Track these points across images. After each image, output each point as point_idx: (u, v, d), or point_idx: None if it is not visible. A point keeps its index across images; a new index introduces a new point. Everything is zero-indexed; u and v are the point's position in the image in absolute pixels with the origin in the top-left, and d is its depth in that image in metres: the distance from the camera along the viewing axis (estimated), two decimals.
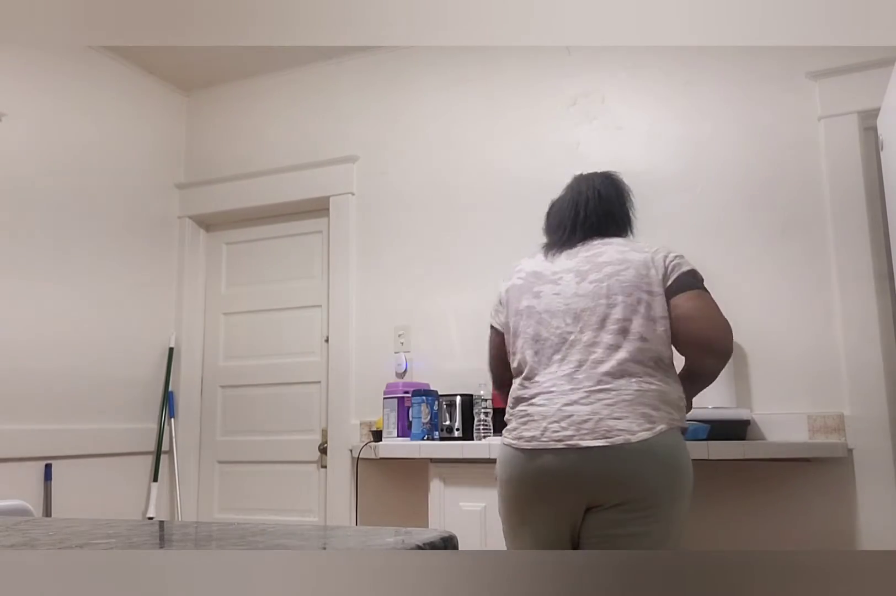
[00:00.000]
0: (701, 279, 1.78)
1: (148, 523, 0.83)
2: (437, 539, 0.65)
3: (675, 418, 1.67)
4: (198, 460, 3.45)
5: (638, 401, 1.63)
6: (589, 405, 1.64)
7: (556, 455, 1.64)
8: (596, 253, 1.79)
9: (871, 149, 2.46)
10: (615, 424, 1.61)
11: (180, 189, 3.63)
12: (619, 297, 1.71)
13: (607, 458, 1.60)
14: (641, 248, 1.79)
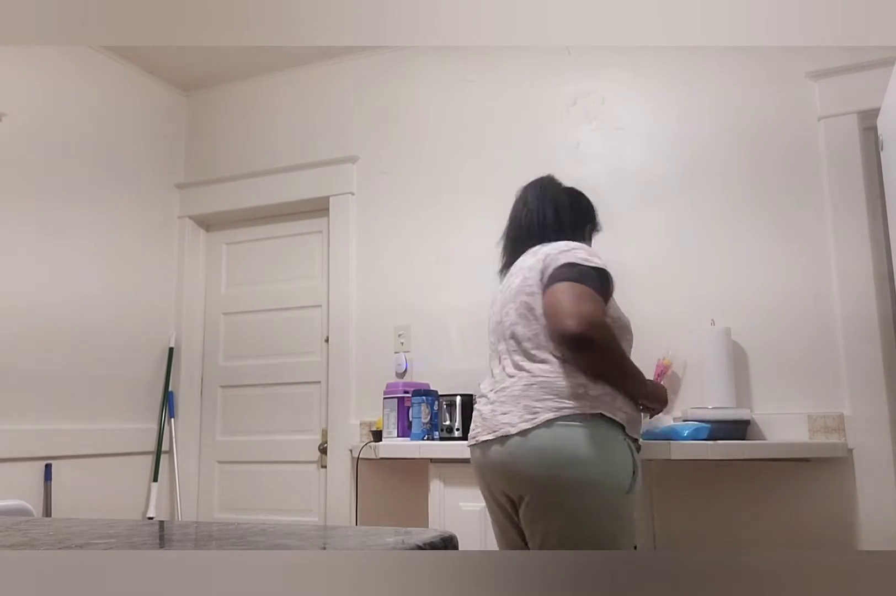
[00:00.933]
0: (579, 269, 1.71)
1: (148, 523, 0.83)
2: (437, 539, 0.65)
3: (569, 406, 1.64)
4: (198, 460, 3.45)
5: (523, 394, 1.69)
6: (490, 404, 1.77)
7: (473, 451, 1.81)
8: (514, 267, 1.90)
9: (871, 149, 2.46)
10: (502, 418, 1.70)
11: (180, 189, 3.63)
12: (510, 304, 1.82)
13: (496, 451, 1.70)
14: (538, 252, 1.82)
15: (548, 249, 1.80)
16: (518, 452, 1.65)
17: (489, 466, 1.74)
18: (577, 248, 1.77)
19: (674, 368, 2.56)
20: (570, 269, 1.72)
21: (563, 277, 1.70)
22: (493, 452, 1.70)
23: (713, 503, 2.45)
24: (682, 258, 2.64)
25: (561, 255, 1.75)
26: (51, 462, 2.87)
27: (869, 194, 2.43)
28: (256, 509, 3.28)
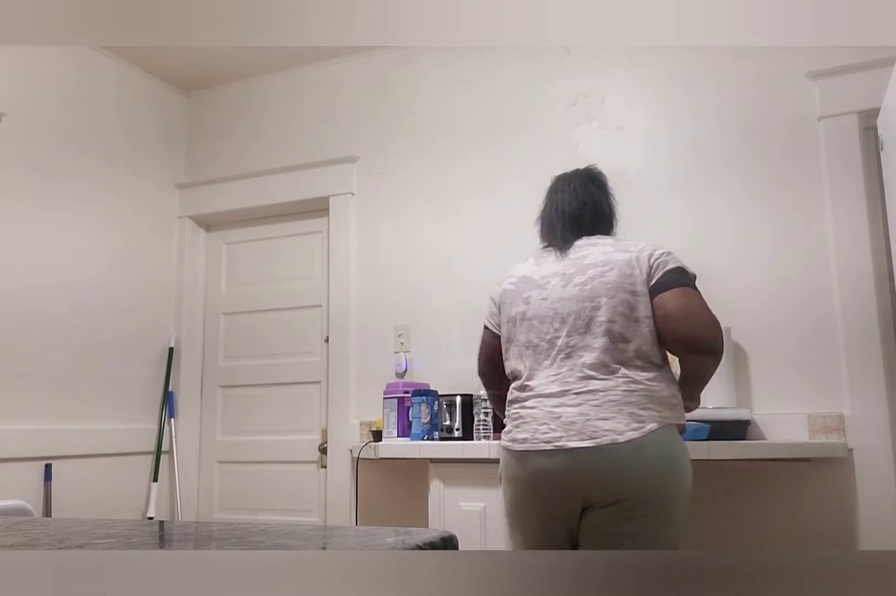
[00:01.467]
0: (690, 276, 1.74)
1: (148, 523, 0.83)
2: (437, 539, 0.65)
3: (667, 417, 1.65)
4: (198, 460, 3.45)
5: (625, 401, 1.63)
6: (577, 406, 1.65)
7: (546, 456, 1.66)
8: (581, 255, 1.79)
9: (871, 149, 2.46)
10: (602, 424, 1.62)
11: (180, 189, 3.63)
12: (603, 299, 1.71)
13: (595, 458, 1.61)
14: (627, 248, 1.78)
15: (643, 247, 1.77)
16: (628, 461, 1.60)
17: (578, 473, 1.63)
18: (673, 254, 1.78)
19: (674, 369, 2.55)
20: (681, 275, 1.72)
21: (682, 283, 1.69)
22: (590, 459, 1.62)
23: (713, 503, 2.45)
24: (681, 258, 2.63)
25: (667, 259, 1.74)
26: (51, 462, 2.87)
27: (869, 194, 2.43)
28: (256, 509, 3.28)
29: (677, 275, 1.71)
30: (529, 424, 1.70)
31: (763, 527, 2.39)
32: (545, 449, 1.66)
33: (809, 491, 2.36)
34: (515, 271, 1.90)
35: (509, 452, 1.74)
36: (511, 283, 1.88)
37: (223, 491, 3.38)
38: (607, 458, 1.60)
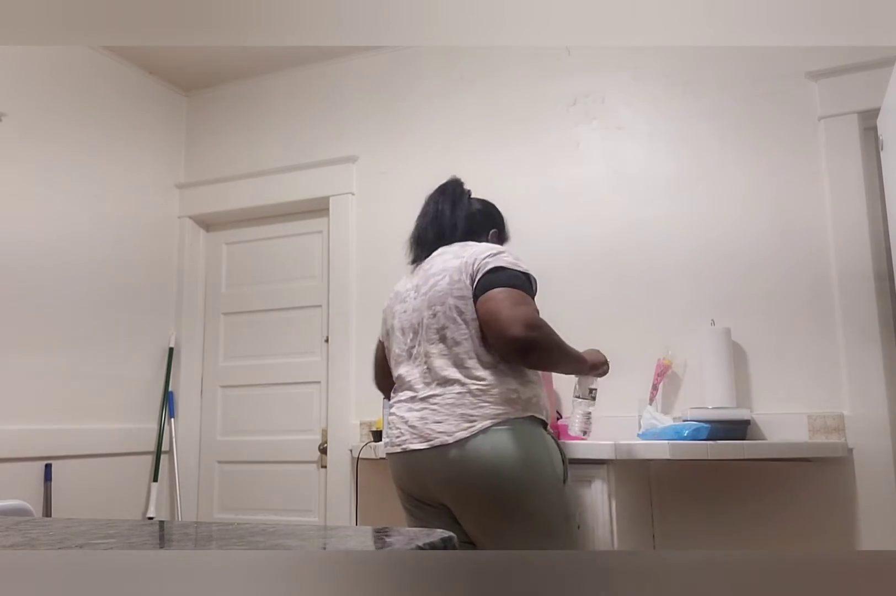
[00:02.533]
0: (509, 274, 1.75)
1: (148, 523, 0.83)
2: (437, 539, 0.65)
3: (505, 412, 1.70)
4: (198, 460, 3.45)
5: (458, 403, 1.71)
6: (420, 411, 1.77)
7: (398, 458, 1.81)
8: (430, 266, 1.89)
9: (871, 149, 2.46)
10: (436, 427, 1.72)
11: (180, 189, 3.63)
12: (437, 306, 1.80)
13: (430, 459, 1.71)
14: (463, 254, 1.83)
15: (474, 252, 1.82)
16: (458, 462, 1.67)
17: (422, 474, 1.75)
18: (503, 252, 1.81)
19: (674, 368, 2.56)
20: (502, 273, 1.75)
21: (498, 283, 1.73)
22: (428, 461, 1.72)
23: (713, 503, 2.45)
24: (682, 258, 2.64)
25: (490, 259, 1.78)
26: (51, 462, 2.87)
27: (869, 194, 2.43)
28: (256, 509, 3.28)
29: (493, 275, 1.75)
30: (390, 429, 1.85)
31: (763, 527, 2.39)
32: (396, 452, 1.80)
33: (809, 491, 2.36)
34: (395, 286, 2.03)
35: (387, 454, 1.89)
36: (389, 299, 2.02)
37: (223, 491, 3.38)
38: (439, 458, 1.70)
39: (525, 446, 1.69)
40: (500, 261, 1.78)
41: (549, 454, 1.73)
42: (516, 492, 1.67)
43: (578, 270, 2.77)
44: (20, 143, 2.92)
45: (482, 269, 1.77)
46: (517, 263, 1.79)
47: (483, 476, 1.66)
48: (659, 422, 2.34)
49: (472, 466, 1.66)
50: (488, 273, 1.76)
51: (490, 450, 1.66)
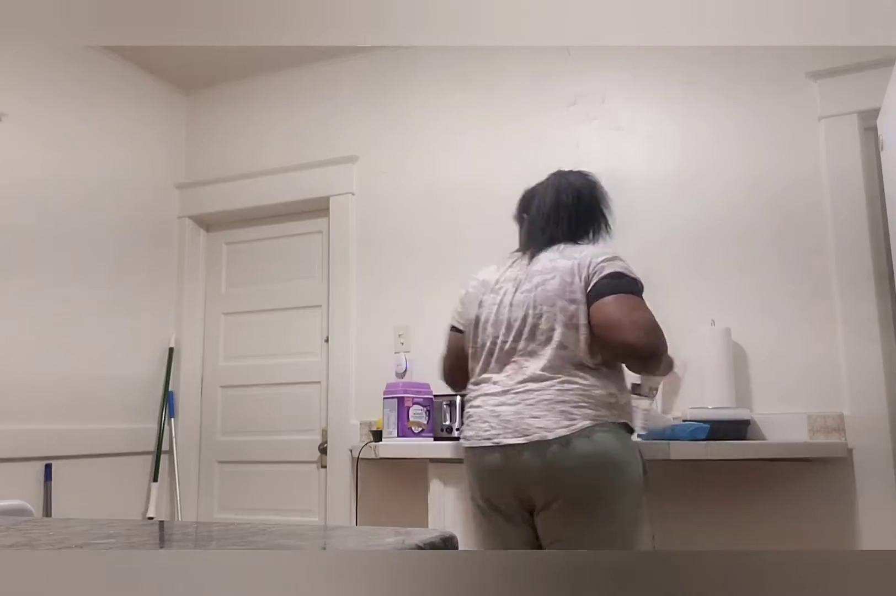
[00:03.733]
0: (627, 280, 1.76)
1: (148, 523, 0.83)
2: (437, 539, 0.65)
3: (603, 415, 1.70)
4: (198, 460, 3.45)
5: (557, 400, 1.70)
6: (514, 405, 1.73)
7: (487, 453, 1.76)
8: (533, 261, 1.85)
9: (871, 149, 2.45)
10: (534, 422, 1.69)
11: (180, 189, 3.63)
12: (544, 306, 1.77)
13: (526, 454, 1.69)
14: (573, 254, 1.81)
15: (587, 254, 1.80)
16: (556, 459, 1.66)
17: (513, 470, 1.72)
18: (618, 258, 1.80)
19: (674, 368, 2.55)
20: (619, 279, 1.74)
21: (617, 289, 1.72)
22: (522, 456, 1.70)
23: (713, 503, 2.45)
24: (681, 258, 2.64)
25: (605, 264, 1.77)
26: (51, 462, 2.87)
27: (869, 194, 2.43)
28: (256, 509, 3.28)
29: (612, 280, 1.74)
30: (475, 422, 1.80)
31: (763, 527, 2.39)
32: (485, 446, 1.75)
33: (809, 491, 2.36)
34: (478, 275, 1.97)
35: (463, 449, 1.85)
36: (472, 287, 1.96)
37: (223, 491, 3.38)
38: (537, 454, 1.67)
39: (621, 451, 1.70)
40: (616, 266, 1.77)
41: (637, 461, 1.76)
42: (607, 494, 1.67)
43: None
44: (20, 143, 2.92)
45: (597, 273, 1.75)
46: (630, 270, 1.79)
47: (580, 475, 1.66)
48: (659, 422, 2.33)
49: (571, 463, 1.65)
50: (605, 278, 1.74)
51: (591, 450, 1.66)
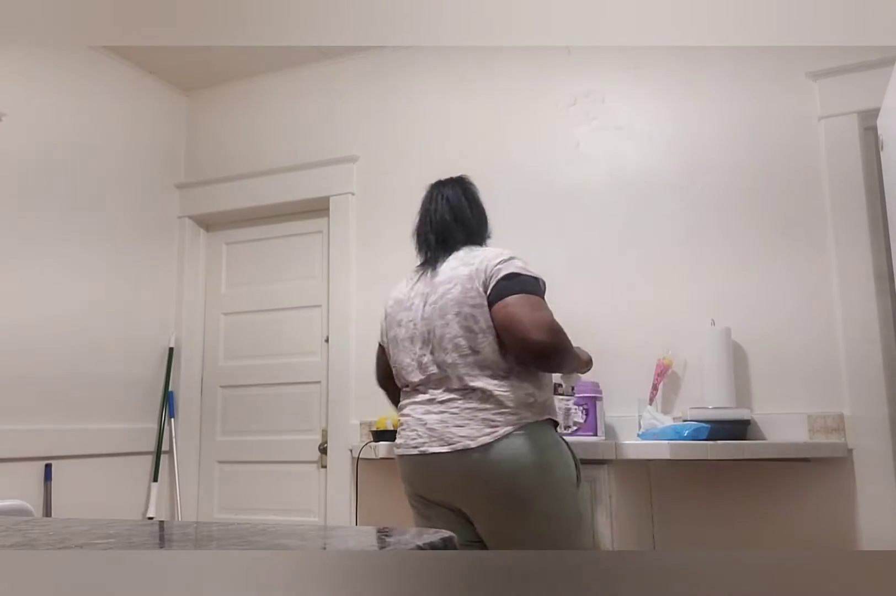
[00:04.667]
0: (522, 280, 1.76)
1: (148, 523, 0.83)
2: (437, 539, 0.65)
3: (525, 417, 1.73)
4: (198, 460, 3.45)
5: (479, 407, 1.73)
6: (439, 414, 1.78)
7: (414, 461, 1.80)
8: (436, 273, 1.89)
9: (871, 149, 2.45)
10: (457, 431, 1.73)
11: (180, 189, 3.63)
12: (450, 315, 1.80)
13: (452, 463, 1.72)
14: (470, 260, 1.83)
15: (482, 258, 1.82)
16: (480, 466, 1.70)
17: (440, 477, 1.77)
18: (514, 258, 1.82)
19: (674, 368, 2.56)
20: (516, 279, 1.76)
21: (514, 289, 1.74)
22: (448, 465, 1.74)
23: (713, 503, 2.45)
24: (681, 258, 2.64)
25: (502, 266, 1.78)
26: (51, 462, 2.87)
27: (869, 194, 2.43)
28: (256, 509, 3.28)
29: (509, 282, 1.76)
30: (405, 431, 1.85)
31: (763, 527, 2.39)
32: (412, 454, 1.80)
33: (809, 491, 2.36)
34: (392, 294, 2.03)
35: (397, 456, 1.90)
36: (389, 307, 2.01)
37: (223, 491, 3.38)
38: (461, 462, 1.71)
39: (543, 450, 1.72)
40: (513, 267, 1.78)
41: (564, 457, 1.78)
42: (533, 494, 1.70)
43: (578, 270, 2.77)
44: (20, 143, 2.92)
45: (495, 275, 1.77)
46: (528, 268, 1.80)
47: (503, 479, 1.69)
48: (659, 422, 2.34)
49: (494, 469, 1.69)
50: (502, 280, 1.76)
51: (511, 455, 1.69)
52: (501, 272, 1.77)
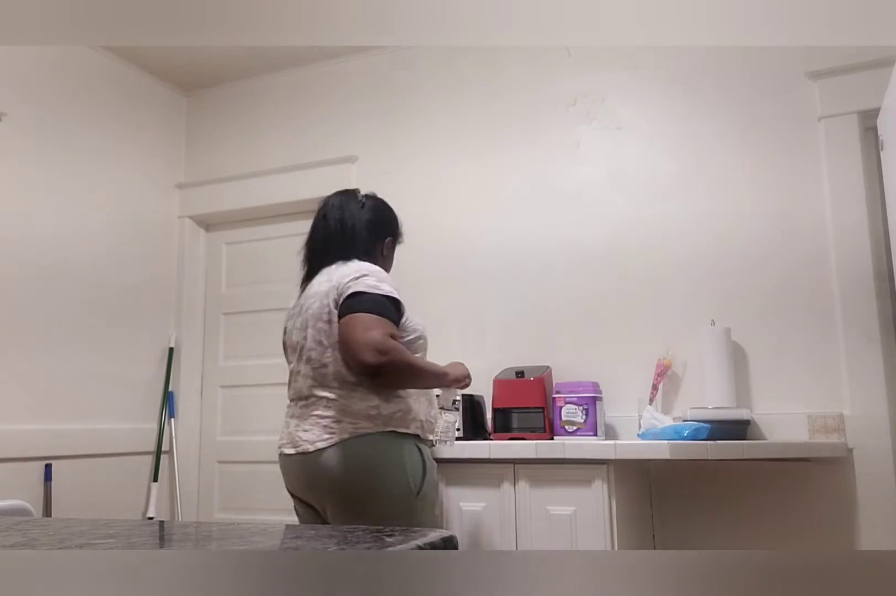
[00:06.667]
0: (368, 297, 1.83)
1: (148, 523, 0.83)
2: (437, 539, 0.65)
3: (363, 427, 1.82)
4: (198, 460, 3.45)
5: (322, 416, 1.86)
6: (294, 419, 1.94)
7: (279, 460, 1.99)
8: (310, 286, 1.99)
9: (871, 149, 2.46)
10: (303, 434, 1.87)
11: (180, 189, 3.63)
12: (309, 329, 1.92)
13: (298, 464, 1.88)
14: (332, 277, 1.91)
15: (339, 275, 1.90)
16: (313, 469, 1.83)
17: (293, 476, 1.92)
18: (367, 275, 1.88)
19: (674, 368, 2.56)
20: (360, 297, 1.84)
21: (355, 307, 1.82)
22: (295, 465, 1.89)
23: (713, 503, 2.45)
24: (681, 258, 2.64)
25: (352, 283, 1.86)
26: (51, 462, 2.87)
27: (869, 194, 2.43)
28: (256, 509, 3.28)
29: (352, 300, 1.84)
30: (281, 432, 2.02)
31: (763, 527, 2.39)
32: (279, 453, 1.99)
33: (809, 491, 2.36)
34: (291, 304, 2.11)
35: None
36: (287, 316, 2.09)
37: (223, 491, 3.38)
38: (302, 465, 1.86)
39: (374, 459, 1.81)
40: (360, 285, 1.85)
41: (403, 467, 1.82)
42: (363, 498, 1.80)
43: (578, 270, 2.77)
44: (20, 142, 2.92)
45: (344, 293, 1.86)
46: (378, 286, 1.86)
47: (334, 482, 1.81)
48: (659, 422, 2.34)
49: (326, 472, 1.81)
50: (348, 298, 1.84)
51: (337, 462, 1.80)
52: (349, 290, 1.85)
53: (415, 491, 1.81)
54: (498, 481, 2.25)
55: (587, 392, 2.47)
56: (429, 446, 1.93)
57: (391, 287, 1.89)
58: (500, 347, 2.84)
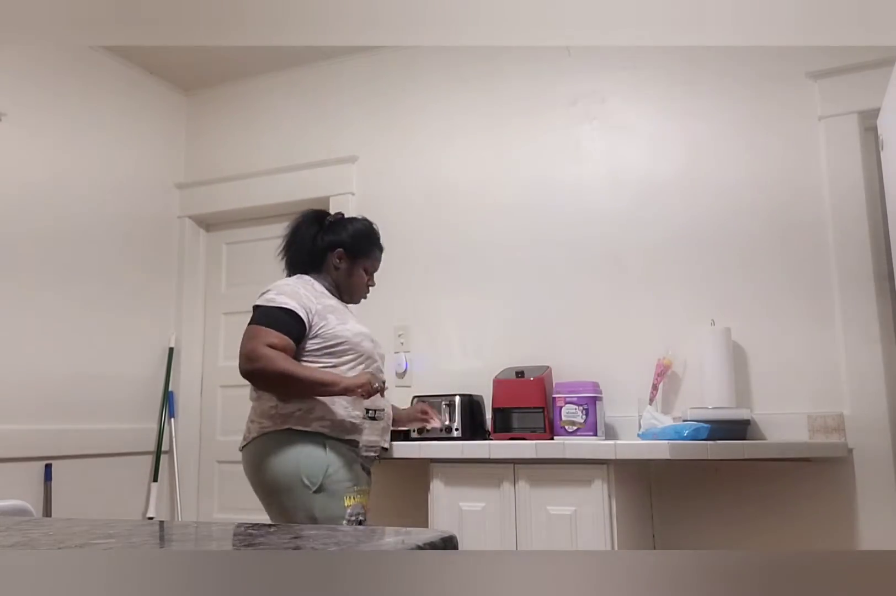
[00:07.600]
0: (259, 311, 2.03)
1: (148, 523, 0.83)
2: (437, 539, 0.65)
3: (267, 426, 2.00)
4: (198, 460, 3.45)
5: (250, 415, 2.08)
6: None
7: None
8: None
9: (871, 149, 2.45)
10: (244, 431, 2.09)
11: (180, 189, 3.63)
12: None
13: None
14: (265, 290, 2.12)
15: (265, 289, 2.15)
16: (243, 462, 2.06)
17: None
18: (269, 291, 2.10)
19: (674, 368, 2.56)
20: (256, 311, 2.05)
21: (250, 321, 2.03)
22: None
23: (713, 503, 2.45)
24: (682, 258, 2.64)
25: (258, 298, 2.09)
26: (51, 462, 2.87)
27: (869, 194, 2.43)
28: (256, 509, 3.27)
29: (252, 313, 2.05)
30: None
31: (763, 527, 2.39)
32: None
33: (809, 491, 2.36)
34: None
35: None
36: None
37: (223, 491, 3.38)
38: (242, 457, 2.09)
39: (270, 455, 1.97)
40: (260, 299, 2.08)
41: (296, 464, 1.95)
42: (268, 493, 1.99)
43: (578, 270, 2.77)
44: (20, 142, 2.92)
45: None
46: (274, 299, 2.04)
47: (249, 475, 2.02)
48: (659, 422, 2.34)
49: (245, 466, 2.04)
50: (252, 310, 2.06)
51: (248, 459, 2.03)
52: (255, 303, 2.07)
53: (311, 487, 1.93)
54: (498, 481, 2.25)
55: (587, 392, 2.47)
56: (353, 445, 2.05)
57: (290, 298, 2.04)
58: (500, 347, 2.84)
